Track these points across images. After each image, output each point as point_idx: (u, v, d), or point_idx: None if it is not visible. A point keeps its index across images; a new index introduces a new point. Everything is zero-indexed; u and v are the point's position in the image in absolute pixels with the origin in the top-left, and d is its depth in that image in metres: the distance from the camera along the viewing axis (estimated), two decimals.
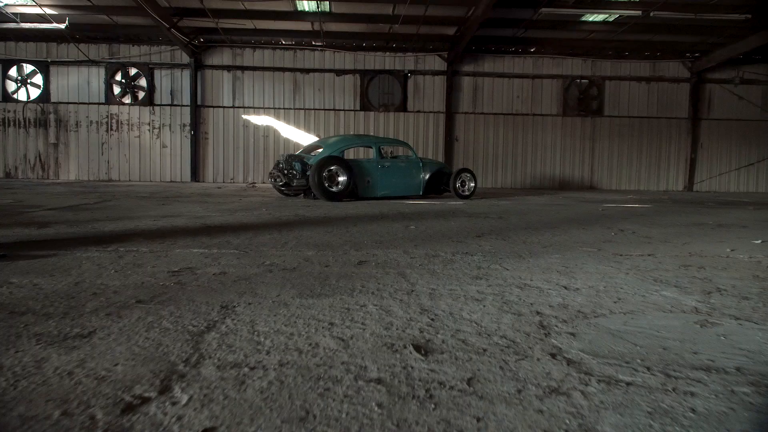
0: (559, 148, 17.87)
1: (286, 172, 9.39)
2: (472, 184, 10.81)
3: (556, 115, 17.78)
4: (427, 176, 10.52)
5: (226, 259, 3.43)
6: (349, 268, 3.24)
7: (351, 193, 9.53)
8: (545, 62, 17.66)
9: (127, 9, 13.89)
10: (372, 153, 10.01)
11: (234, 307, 2.29)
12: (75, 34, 16.07)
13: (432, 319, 2.16)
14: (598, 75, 17.87)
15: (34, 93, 16.58)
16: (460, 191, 10.63)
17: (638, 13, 13.90)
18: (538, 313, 2.30)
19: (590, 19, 14.79)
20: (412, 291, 2.66)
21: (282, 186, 9.39)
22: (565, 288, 2.80)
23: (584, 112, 17.87)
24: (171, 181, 16.76)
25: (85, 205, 7.44)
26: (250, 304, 2.34)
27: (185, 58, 16.58)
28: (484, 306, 2.39)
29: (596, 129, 17.94)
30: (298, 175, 9.31)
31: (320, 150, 9.65)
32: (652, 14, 13.82)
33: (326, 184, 9.08)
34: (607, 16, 14.49)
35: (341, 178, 9.24)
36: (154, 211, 6.79)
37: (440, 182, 10.89)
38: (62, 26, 14.16)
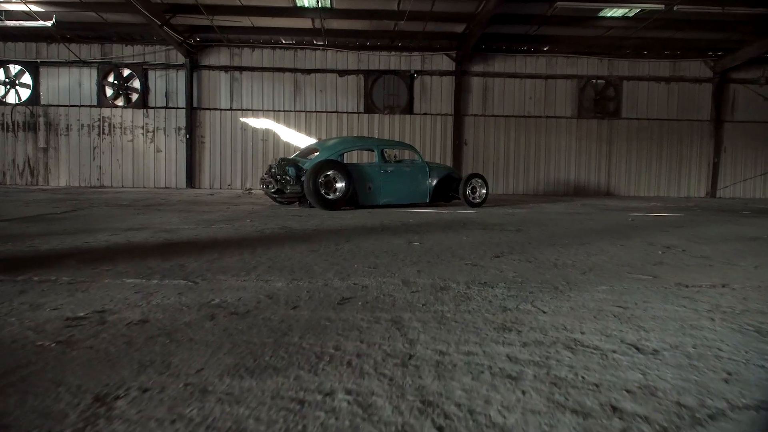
0: (574, 152, 16.92)
1: (279, 177, 8.52)
2: (484, 191, 9.90)
3: (570, 118, 16.84)
4: (435, 182, 9.62)
5: (162, 296, 2.55)
6: (325, 311, 2.34)
7: (350, 200, 8.65)
8: (559, 61, 16.73)
9: (116, 5, 13.13)
10: (374, 157, 9.13)
11: (116, 399, 1.40)
12: (65, 34, 15.34)
13: (440, 429, 1.26)
14: (615, 75, 16.92)
15: (23, 95, 15.82)
16: (470, 198, 9.72)
17: (661, 7, 12.96)
18: (614, 409, 1.40)
19: (608, 15, 13.86)
20: (410, 358, 1.76)
21: (274, 193, 8.52)
22: (637, 349, 1.89)
23: (600, 114, 16.92)
24: (166, 187, 15.95)
25: (49, 215, 6.60)
26: (145, 392, 1.45)
27: (180, 59, 15.80)
28: (524, 393, 1.49)
29: (613, 132, 16.98)
30: (292, 180, 8.43)
31: (317, 154, 8.78)
32: (675, 8, 12.88)
33: (322, 191, 8.20)
34: (627, 10, 13.56)
35: (339, 185, 8.36)
36: (122, 222, 5.93)
37: (449, 188, 9.99)
38: (48, 24, 13.40)
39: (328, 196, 8.25)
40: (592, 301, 2.61)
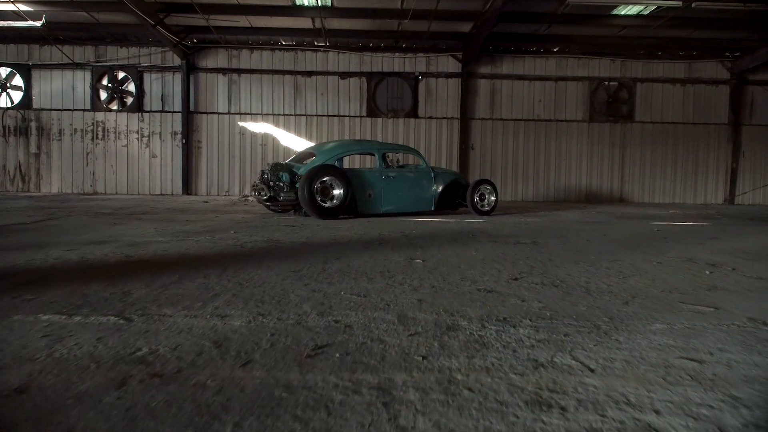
0: (586, 157, 16.22)
1: (272, 183, 7.88)
2: (493, 198, 9.22)
3: (582, 121, 16.15)
4: (440, 188, 8.96)
5: (74, 343, 1.90)
6: (287, 369, 1.68)
7: (349, 208, 8.00)
8: (570, 63, 16.07)
9: (107, 4, 12.58)
10: (375, 161, 8.47)
11: None
12: (58, 35, 14.82)
13: None
14: (628, 77, 16.23)
15: (15, 98, 15.29)
16: (478, 206, 9.05)
17: (678, 3, 12.26)
18: None
19: (623, 13, 13.19)
20: None
21: (266, 201, 7.87)
22: None
23: (613, 118, 16.22)
24: (161, 194, 15.36)
25: (16, 225, 5.98)
26: None
27: (176, 61, 15.24)
28: None
29: (626, 136, 16.27)
30: (285, 187, 7.79)
31: (313, 158, 8.13)
32: (694, 5, 12.20)
33: (318, 199, 7.55)
34: (642, 8, 12.89)
35: (336, 191, 7.71)
36: (90, 234, 5.30)
37: (455, 195, 9.32)
38: (38, 24, 12.88)
39: (324, 204, 7.60)
40: (651, 350, 1.94)
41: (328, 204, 7.65)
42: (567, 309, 2.54)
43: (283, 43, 15.37)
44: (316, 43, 15.31)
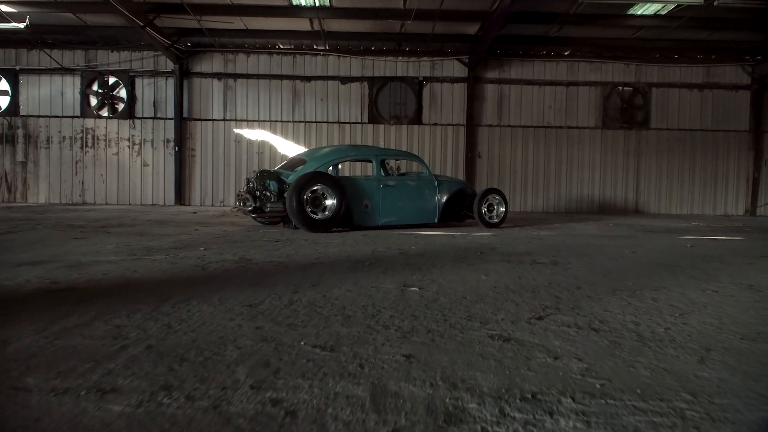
0: (599, 165, 15.40)
1: (257, 193, 7.13)
2: (502, 209, 8.43)
3: (594, 128, 15.34)
4: (444, 198, 8.18)
5: None
6: None
7: (343, 220, 7.22)
8: (582, 67, 15.29)
9: (93, 5, 11.93)
10: (372, 169, 7.69)
11: None
12: (46, 38, 14.19)
13: None
14: (643, 81, 15.43)
15: (1, 104, 14.66)
16: (486, 218, 8.25)
17: (700, 1, 11.49)
18: None
19: (639, 12, 12.42)
20: None
21: (252, 212, 7.09)
22: None
23: (627, 125, 15.41)
24: (153, 204, 14.65)
25: None
26: None
27: (170, 65, 14.58)
28: None
29: (642, 144, 15.44)
30: (273, 197, 7.03)
31: (304, 165, 7.35)
32: (716, 2, 11.42)
33: (308, 210, 6.78)
34: (660, 7, 12.11)
35: (329, 202, 6.93)
36: (37, 250, 4.54)
37: (461, 206, 8.53)
38: (22, 26, 12.24)
39: (314, 216, 6.83)
40: None
41: (319, 216, 6.88)
42: (622, 374, 1.74)
43: (281, 46, 14.69)
44: (315, 47, 14.63)
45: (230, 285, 3.14)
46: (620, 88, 15.38)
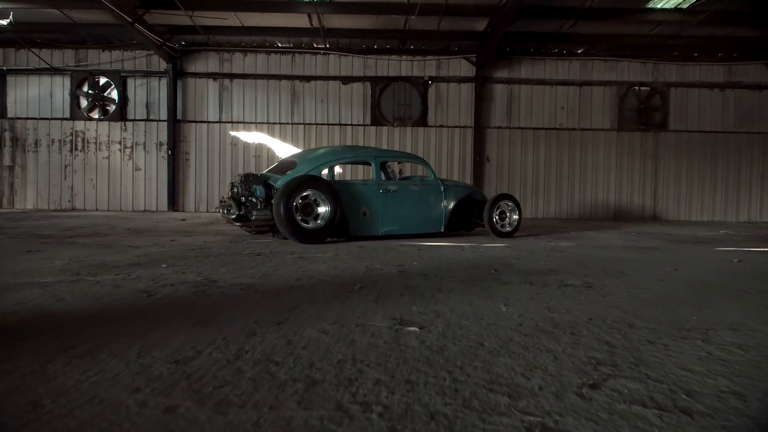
0: (614, 169, 14.59)
1: (243, 199, 6.37)
2: (515, 217, 7.63)
3: (609, 130, 14.54)
4: (452, 205, 7.40)
5: None
6: None
7: (338, 229, 6.46)
8: (596, 66, 14.51)
9: (80, 0, 11.29)
10: (371, 172, 6.92)
11: None
12: (34, 38, 13.58)
13: None
14: (661, 81, 14.62)
15: None
16: (498, 226, 7.46)
17: None
18: None
19: (659, 6, 11.64)
20: None
21: (236, 220, 6.34)
22: None
23: (644, 127, 14.60)
24: (145, 210, 13.95)
25: None
26: None
27: (163, 65, 13.91)
28: None
29: (659, 146, 14.63)
30: (259, 203, 6.27)
31: (295, 168, 6.58)
32: None
33: (298, 218, 6.02)
34: (681, 0, 11.33)
35: (321, 209, 6.17)
36: None
37: (469, 213, 7.75)
38: (5, 22, 11.62)
39: (305, 225, 6.06)
40: None
41: (310, 224, 6.11)
42: None
43: (279, 45, 13.99)
44: (315, 45, 13.92)
45: (170, 322, 2.37)
46: (637, 87, 14.60)
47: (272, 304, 2.79)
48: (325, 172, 7.37)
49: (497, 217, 7.47)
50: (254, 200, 6.28)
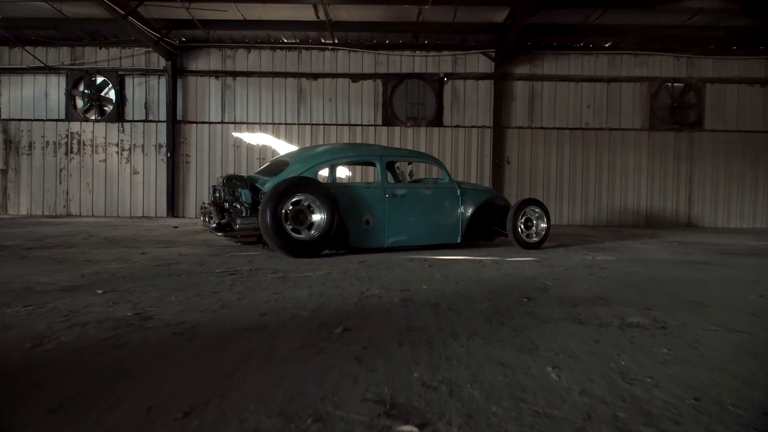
0: (645, 172, 13.48)
1: (225, 205, 5.48)
2: (543, 225, 6.63)
3: (640, 130, 13.45)
4: (470, 212, 6.43)
5: None
6: None
7: (336, 240, 5.52)
8: (625, 60, 13.44)
9: None
10: (376, 173, 5.97)
11: None
12: (28, 35, 12.90)
13: None
14: (696, 76, 13.50)
15: None
16: (523, 236, 6.47)
17: None
18: None
19: None
20: None
21: (217, 229, 5.44)
22: None
23: (678, 126, 13.48)
24: (143, 216, 13.17)
25: None
26: None
27: (162, 62, 13.13)
28: None
29: (694, 148, 13.50)
30: (245, 210, 5.37)
31: (287, 168, 5.65)
32: None
33: (288, 228, 5.10)
34: None
35: (316, 217, 5.24)
36: None
37: (490, 221, 6.77)
38: None
39: (296, 236, 5.13)
40: None
41: (303, 235, 5.18)
42: None
43: (285, 40, 13.14)
44: (322, 40, 13.04)
45: (15, 408, 1.45)
46: (669, 84, 13.49)
47: (204, 365, 1.86)
48: (327, 172, 6.47)
49: (522, 226, 6.48)
50: (239, 206, 5.37)
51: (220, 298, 3.04)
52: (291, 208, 5.12)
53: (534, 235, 6.57)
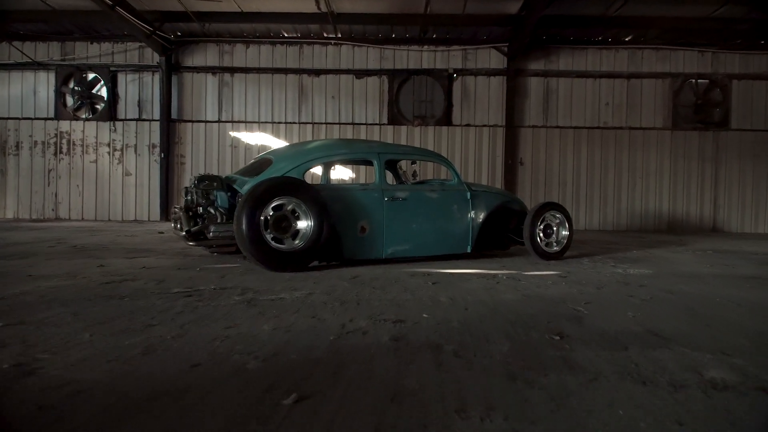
0: (667, 174, 12.62)
1: (199, 210, 4.74)
2: (565, 233, 5.83)
3: (662, 129, 12.60)
4: (482, 217, 5.64)
5: None
6: None
7: (327, 251, 4.76)
8: (646, 55, 12.60)
9: None
10: (373, 173, 5.21)
11: None
12: (17, 29, 12.28)
13: None
14: (721, 72, 12.63)
15: None
16: (543, 245, 5.68)
17: None
18: None
19: None
20: None
21: (187, 237, 4.70)
22: None
23: (702, 125, 12.61)
24: (135, 220, 12.49)
25: None
26: None
27: (156, 58, 12.46)
28: None
29: (720, 148, 12.62)
30: (220, 215, 4.63)
31: (270, 167, 4.88)
32: None
33: (268, 237, 4.34)
34: None
35: (302, 224, 4.48)
36: None
37: (504, 228, 5.99)
38: None
39: (278, 246, 4.37)
40: None
41: (286, 245, 4.42)
42: None
43: (285, 34, 12.43)
44: (325, 35, 12.33)
45: None
46: (693, 80, 12.63)
47: None
48: (318, 171, 5.71)
49: (541, 234, 5.69)
50: (213, 211, 4.63)
51: (151, 337, 2.28)
52: (272, 213, 4.36)
53: (554, 243, 5.77)
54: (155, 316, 2.68)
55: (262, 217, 4.28)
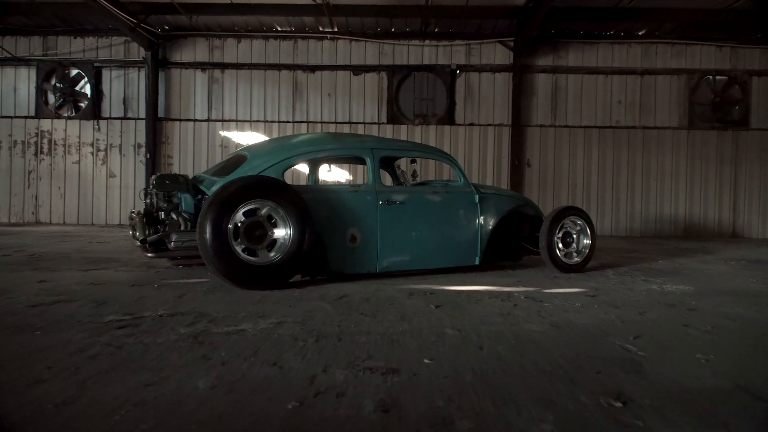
0: (684, 176, 11.89)
1: (158, 214, 4.04)
2: (587, 241, 5.10)
3: (677, 128, 11.87)
4: (492, 223, 4.90)
5: None
6: None
7: (311, 263, 4.03)
8: (661, 50, 11.87)
9: None
10: (366, 173, 4.47)
11: None
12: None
13: None
14: (740, 68, 11.90)
15: None
16: (562, 255, 4.95)
17: None
18: None
19: None
20: None
21: (148, 250, 3.98)
22: None
23: (720, 124, 11.88)
24: (120, 224, 11.78)
25: None
26: None
27: (143, 53, 11.77)
28: None
29: (739, 148, 11.89)
30: (183, 221, 3.93)
31: (245, 165, 4.15)
32: None
33: (238, 248, 3.62)
34: None
35: (279, 232, 3.76)
36: None
37: (516, 236, 5.25)
38: None
39: (249, 259, 3.65)
40: None
41: (259, 258, 3.69)
42: None
43: (279, 28, 11.73)
44: (321, 28, 11.63)
45: None
46: (711, 77, 11.91)
47: None
48: (305, 171, 4.98)
49: (560, 243, 4.96)
50: (175, 217, 3.92)
51: (28, 401, 1.56)
52: (243, 219, 3.64)
53: (575, 254, 5.04)
54: (57, 362, 1.96)
55: (230, 225, 3.56)
